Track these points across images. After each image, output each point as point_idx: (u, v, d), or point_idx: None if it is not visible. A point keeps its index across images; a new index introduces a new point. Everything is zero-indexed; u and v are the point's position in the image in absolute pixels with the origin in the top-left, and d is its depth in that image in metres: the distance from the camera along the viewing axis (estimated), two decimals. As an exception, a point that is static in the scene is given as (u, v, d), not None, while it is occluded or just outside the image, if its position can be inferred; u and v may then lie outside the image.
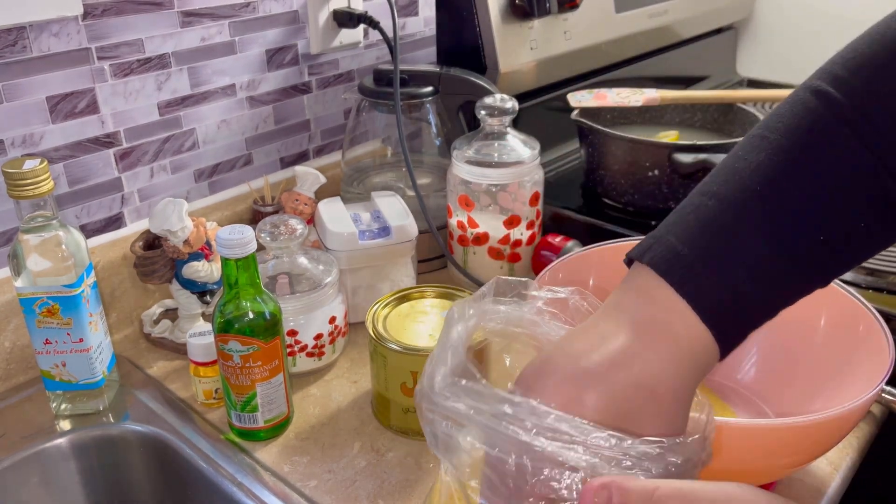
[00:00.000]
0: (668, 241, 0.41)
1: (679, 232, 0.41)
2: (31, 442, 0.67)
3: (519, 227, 0.85)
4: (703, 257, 0.40)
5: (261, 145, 0.96)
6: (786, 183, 0.40)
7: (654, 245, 0.41)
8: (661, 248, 0.41)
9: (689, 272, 0.40)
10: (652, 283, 0.40)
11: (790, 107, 0.42)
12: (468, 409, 0.39)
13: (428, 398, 0.40)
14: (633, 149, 0.93)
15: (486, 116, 0.83)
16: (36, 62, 0.73)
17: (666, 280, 0.40)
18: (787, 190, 0.40)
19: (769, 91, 1.29)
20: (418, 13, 1.10)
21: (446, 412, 0.39)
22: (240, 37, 0.89)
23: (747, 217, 0.40)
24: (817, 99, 0.41)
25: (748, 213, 0.40)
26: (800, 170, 0.40)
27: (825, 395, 0.61)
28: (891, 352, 0.56)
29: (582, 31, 1.08)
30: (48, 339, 0.66)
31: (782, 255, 0.39)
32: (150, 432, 0.69)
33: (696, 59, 1.42)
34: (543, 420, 0.37)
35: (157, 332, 0.81)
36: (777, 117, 0.42)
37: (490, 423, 0.38)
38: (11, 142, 0.73)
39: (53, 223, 0.64)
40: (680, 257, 0.40)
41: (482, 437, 0.39)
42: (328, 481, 0.63)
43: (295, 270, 0.75)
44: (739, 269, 0.39)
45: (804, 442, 0.53)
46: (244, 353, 0.62)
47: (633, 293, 0.41)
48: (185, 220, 0.76)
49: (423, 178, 0.99)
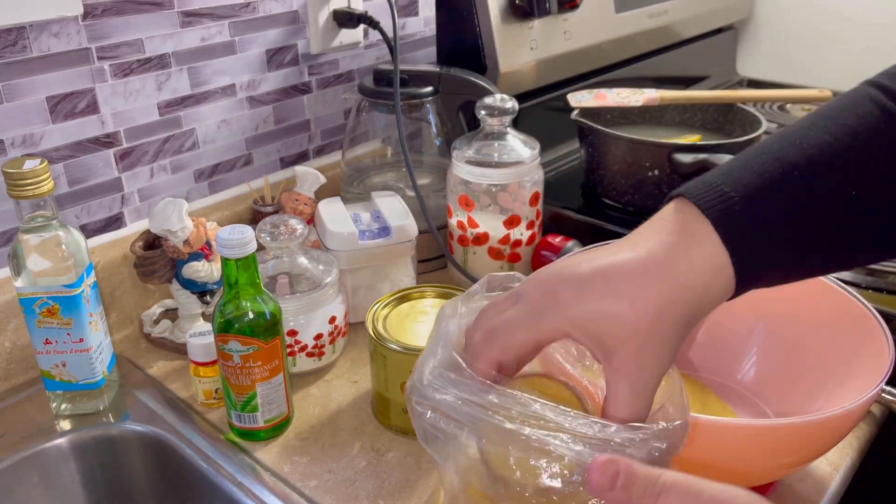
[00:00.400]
0: (715, 184, 0.41)
1: (728, 179, 0.41)
2: (31, 442, 0.67)
3: (519, 227, 0.85)
4: (747, 199, 0.40)
5: (261, 145, 0.96)
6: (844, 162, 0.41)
7: (699, 186, 0.41)
8: (704, 187, 0.41)
9: (730, 208, 0.40)
10: (690, 215, 0.40)
11: (852, 103, 0.43)
12: (455, 400, 0.39)
13: (417, 391, 0.41)
14: (633, 149, 0.93)
15: (486, 116, 0.83)
16: (36, 62, 0.73)
17: (704, 212, 0.40)
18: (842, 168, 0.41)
19: (769, 91, 1.29)
20: (418, 13, 1.10)
21: (434, 404, 0.40)
22: (240, 37, 0.89)
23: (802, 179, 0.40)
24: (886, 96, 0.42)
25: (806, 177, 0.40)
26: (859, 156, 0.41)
27: (825, 395, 0.61)
28: (891, 352, 0.56)
29: (582, 31, 1.08)
30: (48, 339, 0.66)
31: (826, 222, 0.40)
32: (150, 432, 0.69)
33: (696, 59, 1.42)
34: (528, 408, 0.37)
35: (157, 332, 0.81)
36: (837, 110, 0.43)
37: (476, 413, 0.38)
38: (11, 142, 0.73)
39: (53, 223, 0.64)
40: (724, 196, 0.40)
41: (472, 429, 0.39)
42: (328, 481, 0.63)
43: (295, 270, 0.75)
44: (780, 217, 0.40)
45: (804, 442, 0.53)
46: (244, 353, 0.62)
47: (662, 221, 0.41)
48: (185, 220, 0.76)
49: (423, 178, 0.99)
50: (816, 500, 0.61)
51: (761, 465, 0.54)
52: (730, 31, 1.51)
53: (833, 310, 0.63)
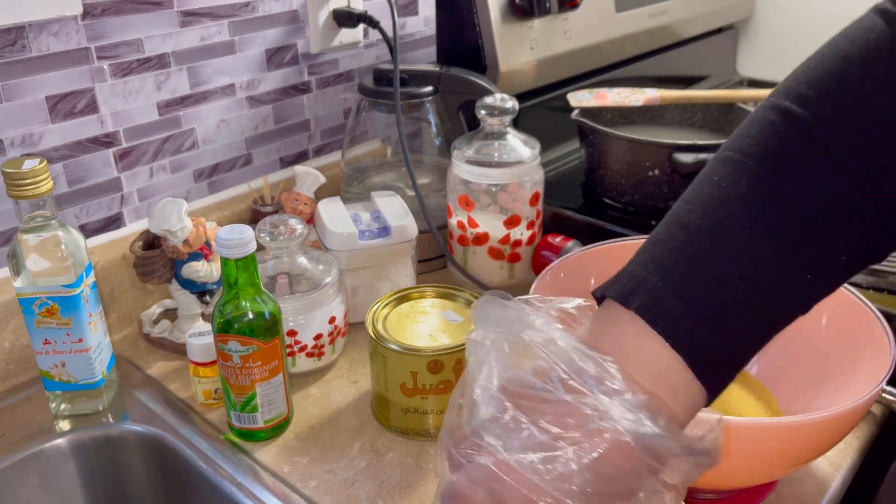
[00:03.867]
0: (644, 277, 0.38)
1: (656, 266, 0.38)
2: (30, 442, 0.67)
3: (519, 227, 0.85)
4: (679, 290, 0.37)
5: (260, 145, 0.96)
6: (762, 209, 0.38)
7: (630, 282, 0.38)
8: (634, 284, 0.38)
9: (665, 307, 0.37)
10: (624, 319, 0.38)
11: (758, 126, 0.40)
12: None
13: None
14: (634, 149, 0.92)
15: (487, 116, 0.83)
16: (35, 62, 0.73)
17: (645, 319, 0.37)
18: (763, 216, 0.38)
19: (769, 91, 1.29)
20: (418, 13, 1.10)
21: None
22: (239, 36, 0.89)
23: (727, 245, 0.37)
24: (781, 116, 0.39)
25: (727, 242, 0.37)
26: (774, 193, 0.38)
27: (826, 394, 0.61)
28: (892, 352, 0.56)
29: (582, 31, 1.08)
30: (47, 339, 0.66)
31: (765, 283, 0.37)
32: (149, 432, 0.69)
33: (697, 59, 1.42)
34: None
35: (156, 333, 0.81)
36: (744, 138, 0.40)
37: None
38: (11, 141, 0.73)
39: (53, 223, 0.64)
40: (656, 292, 0.37)
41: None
42: (328, 482, 0.63)
43: (295, 270, 0.74)
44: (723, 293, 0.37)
45: (805, 441, 0.53)
46: (244, 353, 0.62)
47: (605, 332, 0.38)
48: (185, 220, 0.75)
49: (423, 178, 0.99)
50: (816, 500, 0.61)
51: (761, 465, 0.54)
52: (730, 31, 1.51)
53: (834, 309, 0.63)
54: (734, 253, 0.37)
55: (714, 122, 1.05)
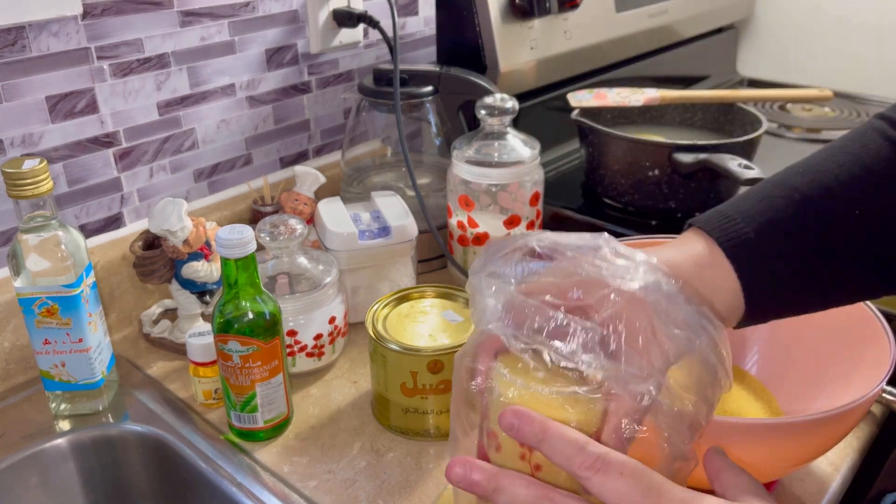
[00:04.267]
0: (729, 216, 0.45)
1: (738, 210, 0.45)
2: (30, 442, 0.67)
3: (519, 227, 0.85)
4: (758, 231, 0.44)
5: (260, 145, 0.96)
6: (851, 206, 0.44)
7: (714, 217, 0.45)
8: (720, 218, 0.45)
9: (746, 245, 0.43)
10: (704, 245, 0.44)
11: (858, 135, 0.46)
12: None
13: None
14: (634, 149, 0.92)
15: (486, 116, 0.83)
16: (35, 62, 0.73)
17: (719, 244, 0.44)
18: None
19: (769, 91, 1.29)
20: (418, 13, 1.10)
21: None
22: (239, 36, 0.89)
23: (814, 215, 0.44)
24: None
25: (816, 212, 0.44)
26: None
27: (826, 394, 0.61)
28: (892, 352, 0.56)
29: (582, 31, 1.08)
30: (47, 339, 0.66)
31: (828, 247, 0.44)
32: (149, 433, 0.69)
33: (697, 59, 1.42)
34: None
35: (156, 332, 0.81)
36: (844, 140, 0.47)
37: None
38: (11, 141, 0.73)
39: (52, 223, 0.64)
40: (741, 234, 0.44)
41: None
42: (328, 482, 0.63)
43: (294, 270, 0.74)
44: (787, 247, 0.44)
45: (805, 441, 0.53)
46: (244, 353, 0.62)
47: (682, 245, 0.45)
48: (185, 220, 0.75)
49: (423, 178, 0.99)
50: (816, 500, 0.61)
51: (762, 464, 0.54)
52: (730, 31, 1.51)
53: (834, 309, 0.63)
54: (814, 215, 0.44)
55: (714, 122, 1.05)
